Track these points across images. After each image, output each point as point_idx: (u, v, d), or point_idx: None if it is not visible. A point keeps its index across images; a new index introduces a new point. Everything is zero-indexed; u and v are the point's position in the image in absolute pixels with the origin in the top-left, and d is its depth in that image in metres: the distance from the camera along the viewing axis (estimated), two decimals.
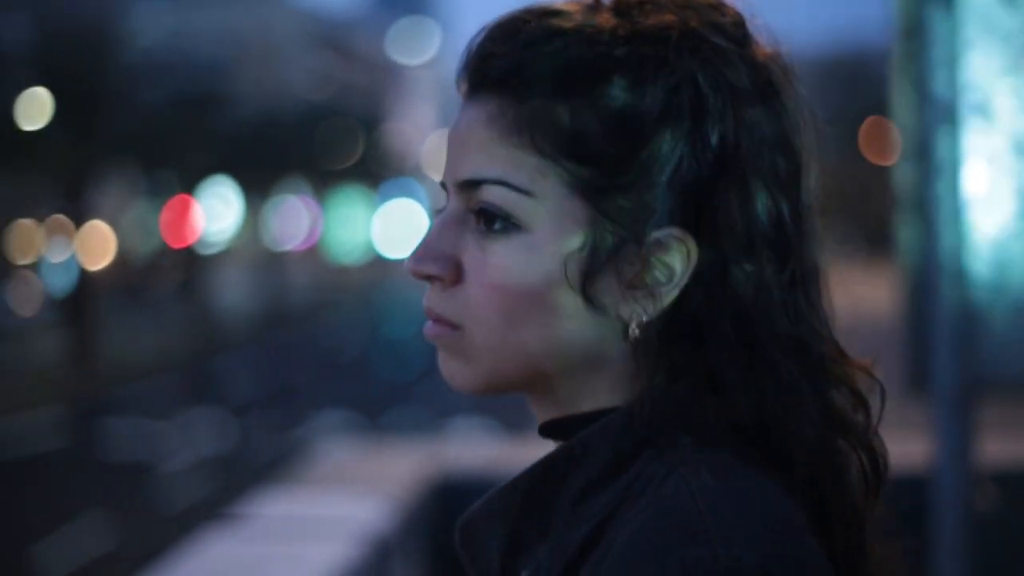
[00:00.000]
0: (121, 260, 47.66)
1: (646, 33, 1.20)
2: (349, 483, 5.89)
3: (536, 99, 1.19)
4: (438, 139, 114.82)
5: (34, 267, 45.78)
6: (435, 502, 5.99)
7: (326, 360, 36.31)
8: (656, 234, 1.19)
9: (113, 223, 44.54)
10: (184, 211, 48.26)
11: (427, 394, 28.70)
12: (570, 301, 1.19)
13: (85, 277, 35.91)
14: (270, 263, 57.24)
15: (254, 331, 46.00)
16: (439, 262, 1.22)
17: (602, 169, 1.18)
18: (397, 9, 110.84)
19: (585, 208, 1.19)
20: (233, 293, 52.65)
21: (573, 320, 1.20)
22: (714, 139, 1.18)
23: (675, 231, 1.18)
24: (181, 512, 18.29)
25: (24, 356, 35.33)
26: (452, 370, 1.24)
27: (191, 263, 48.68)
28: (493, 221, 1.20)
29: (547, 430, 1.25)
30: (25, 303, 44.17)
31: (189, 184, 46.39)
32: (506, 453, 6.96)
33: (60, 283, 40.88)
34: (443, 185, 1.26)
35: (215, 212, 50.95)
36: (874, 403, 1.27)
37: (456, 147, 1.22)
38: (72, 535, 16.86)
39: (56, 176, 35.55)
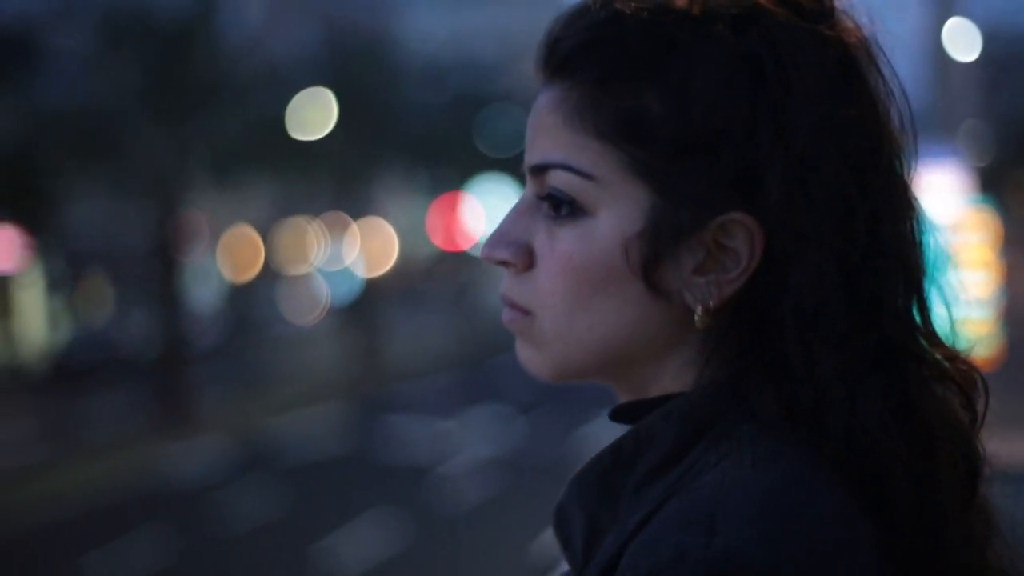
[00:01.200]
0: (401, 265, 48.57)
1: (714, 13, 1.17)
2: None
3: (596, 83, 1.19)
4: None
5: (315, 275, 46.90)
6: None
7: None
8: (720, 219, 1.17)
9: (395, 224, 45.36)
10: (454, 211, 48.87)
11: None
12: (634, 287, 1.19)
13: (368, 284, 36.72)
14: None
15: None
16: (511, 248, 1.22)
17: (661, 152, 1.17)
18: None
19: (647, 192, 1.18)
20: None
21: (637, 306, 1.19)
22: (778, 122, 1.16)
23: (738, 215, 1.16)
24: (468, 512, 18.36)
25: (310, 361, 36.16)
26: (526, 357, 1.26)
27: (465, 266, 49.29)
28: (560, 206, 1.20)
29: (616, 415, 1.26)
30: (306, 311, 45.23)
31: (464, 183, 47.01)
32: None
33: (342, 290, 41.76)
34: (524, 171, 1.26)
35: (491, 212, 51.48)
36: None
37: (529, 133, 1.23)
38: (361, 534, 17.02)
39: (337, 178, 36.36)
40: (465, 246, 49.07)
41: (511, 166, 44.56)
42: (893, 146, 1.20)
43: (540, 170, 1.21)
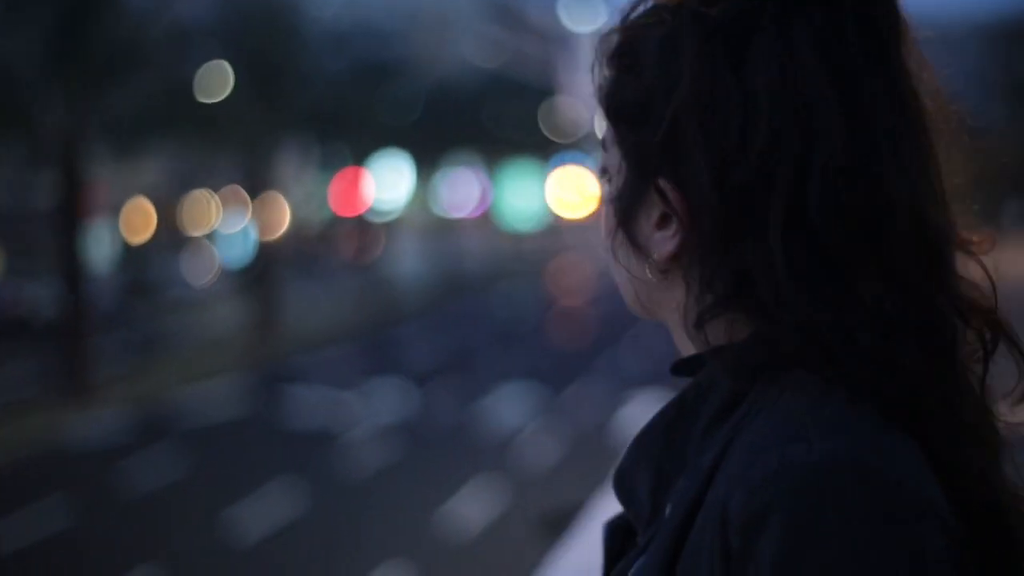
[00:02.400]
0: (295, 230, 48.33)
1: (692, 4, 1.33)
2: None
3: (607, 69, 1.39)
4: None
5: (209, 238, 46.63)
6: None
7: (503, 329, 36.51)
8: (657, 182, 1.33)
9: (287, 194, 45.22)
10: (355, 182, 48.76)
11: (607, 366, 28.74)
12: (624, 239, 1.38)
13: (261, 247, 36.45)
14: (442, 231, 57.65)
15: (430, 299, 46.41)
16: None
17: (625, 125, 1.36)
18: None
19: (622, 159, 1.37)
20: (406, 261, 53.14)
21: (632, 257, 1.38)
22: (672, 100, 1.31)
23: (661, 180, 1.32)
24: (368, 479, 18.56)
25: (206, 326, 36.05)
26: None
27: (363, 232, 49.18)
28: (601, 174, 1.41)
29: (677, 369, 1.37)
30: (201, 274, 45.02)
31: (361, 156, 46.87)
32: None
33: (235, 254, 41.59)
34: None
35: (386, 183, 51.43)
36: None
37: None
38: (260, 501, 17.17)
39: (235, 148, 36.14)
40: (361, 210, 48.92)
41: (410, 135, 44.11)
42: (813, 117, 1.28)
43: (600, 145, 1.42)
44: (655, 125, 1.32)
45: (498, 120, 58.03)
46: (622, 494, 1.37)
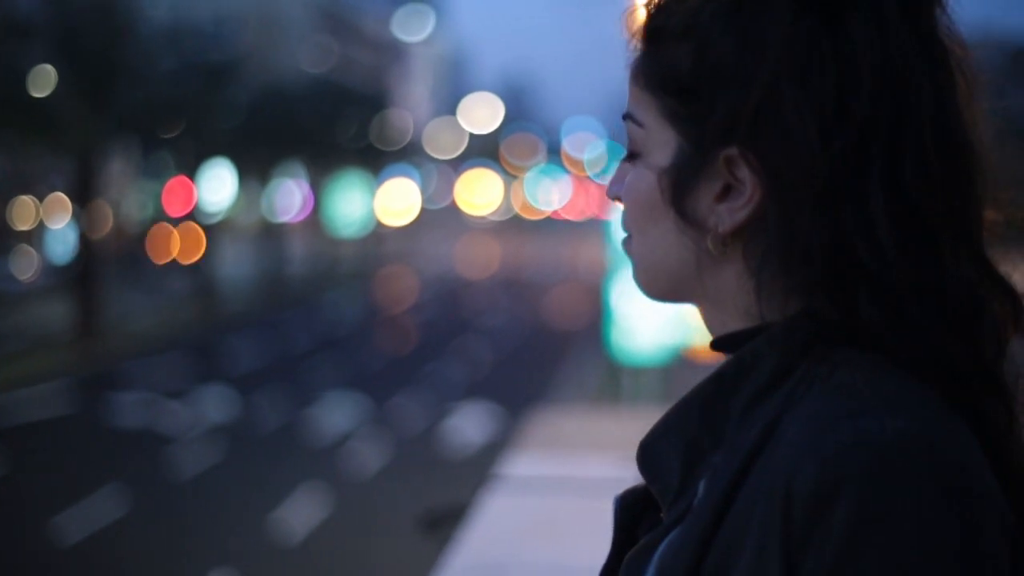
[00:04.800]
0: (120, 229, 47.72)
1: None
2: (600, 444, 6.29)
3: (648, 45, 1.39)
4: (439, 123, 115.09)
5: (35, 234, 45.83)
6: None
7: (329, 336, 36.49)
8: (723, 153, 1.32)
9: (113, 202, 44.63)
10: (182, 182, 48.29)
11: (431, 376, 28.92)
12: (672, 215, 1.36)
13: (85, 244, 35.94)
14: (269, 234, 57.30)
15: (255, 304, 46.15)
16: (616, 185, 1.42)
17: (680, 98, 1.34)
18: None
19: (673, 134, 1.35)
20: (231, 264, 52.74)
21: (676, 233, 1.36)
22: (755, 69, 1.31)
23: (733, 150, 1.31)
24: (190, 485, 18.55)
25: (28, 323, 35.49)
26: (633, 276, 1.42)
27: (187, 233, 48.66)
28: (629, 148, 1.41)
29: (717, 345, 1.38)
30: (26, 269, 44.29)
31: (187, 165, 46.34)
32: None
33: (60, 250, 40.99)
34: None
35: (213, 184, 51.02)
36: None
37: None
38: (82, 504, 17.09)
39: (62, 151, 35.53)
40: (186, 211, 48.42)
41: (238, 138, 43.44)
42: (905, 88, 1.30)
43: (624, 119, 1.41)
44: (733, 94, 1.31)
45: (327, 126, 57.90)
46: (647, 469, 1.36)
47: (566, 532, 4.94)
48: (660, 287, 1.40)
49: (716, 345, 1.38)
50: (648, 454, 1.35)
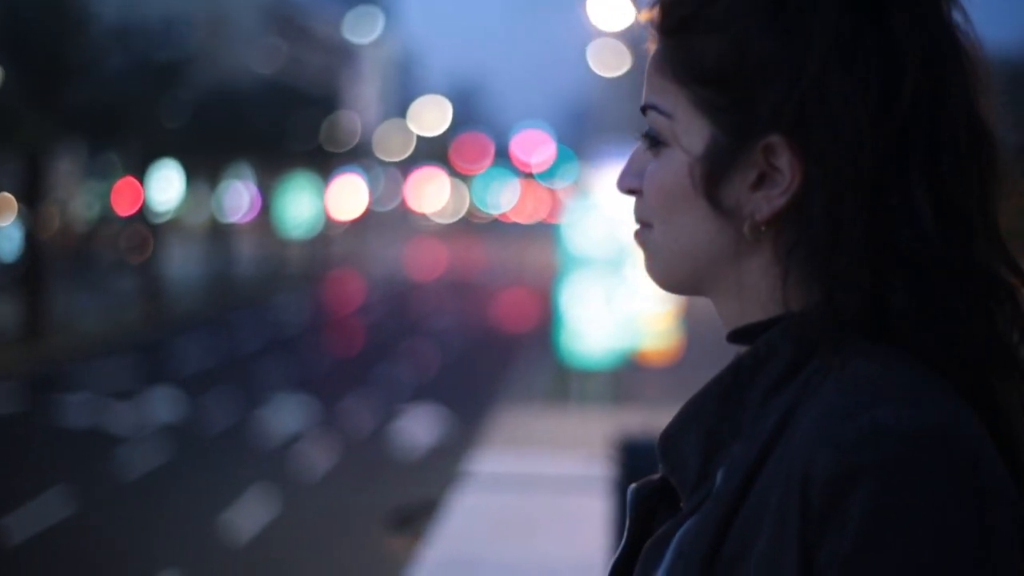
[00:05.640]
0: (67, 228, 47.44)
1: None
2: (557, 443, 6.38)
3: (672, 34, 1.39)
4: (389, 126, 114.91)
5: None
6: (632, 460, 6.30)
7: (278, 337, 36.42)
8: (762, 141, 1.33)
9: (61, 201, 44.35)
10: (130, 181, 47.99)
11: (380, 378, 28.92)
12: (701, 205, 1.36)
13: (32, 243, 35.71)
14: (218, 234, 57.08)
15: (204, 304, 45.99)
16: (631, 177, 1.43)
17: (715, 88, 1.35)
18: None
19: (706, 123, 1.36)
20: (180, 264, 52.54)
21: (707, 222, 1.37)
22: (799, 58, 1.33)
23: (775, 138, 1.33)
24: (138, 487, 18.51)
25: None
26: (648, 267, 1.43)
27: (135, 232, 48.41)
28: (652, 139, 1.40)
29: (733, 336, 1.39)
30: None
31: (135, 166, 46.08)
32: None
33: (7, 249, 40.74)
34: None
35: (161, 183, 50.78)
36: None
37: (644, 80, 1.44)
38: (29, 505, 17.03)
39: (9, 150, 35.26)
40: (134, 210, 48.13)
41: (188, 137, 43.01)
42: (940, 79, 1.33)
43: (643, 110, 1.41)
44: (778, 85, 1.33)
45: (277, 127, 57.75)
46: (667, 459, 1.38)
47: (536, 528, 5.02)
48: (680, 277, 1.41)
49: (732, 337, 1.39)
50: (668, 444, 1.38)
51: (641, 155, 1.42)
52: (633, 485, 1.44)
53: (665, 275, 1.41)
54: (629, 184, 1.43)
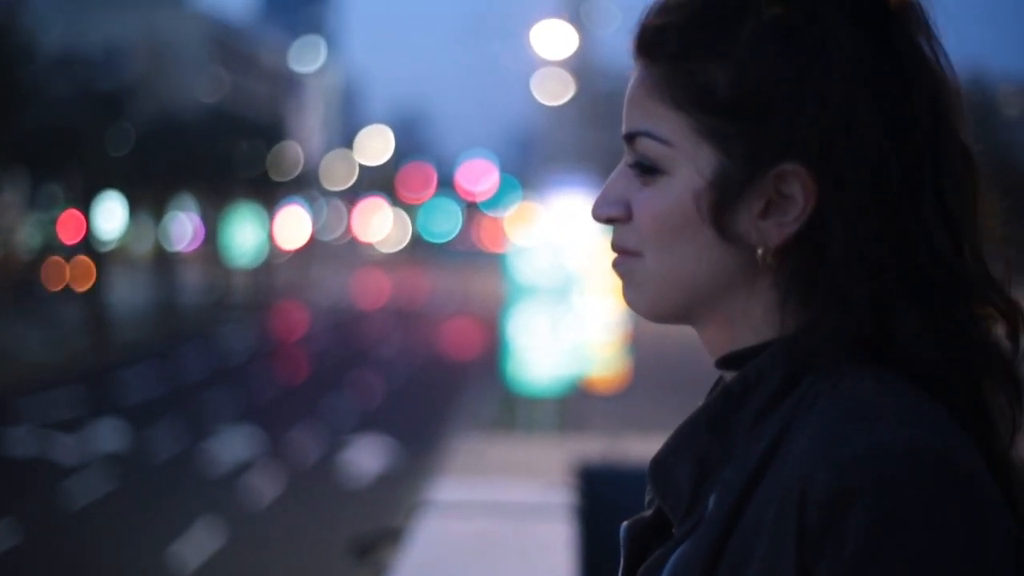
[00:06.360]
0: (10, 258, 47.14)
1: None
2: (510, 471, 6.41)
3: (670, 60, 1.36)
4: (333, 156, 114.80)
5: None
6: (592, 487, 6.32)
7: (224, 367, 36.28)
8: (774, 169, 1.32)
9: (4, 230, 44.07)
10: (72, 219, 47.72)
11: (327, 409, 28.87)
12: (706, 233, 1.34)
13: None
14: (163, 263, 56.83)
15: (148, 334, 45.74)
16: (612, 205, 1.39)
17: (723, 116, 1.33)
18: (291, 26, 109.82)
19: (713, 151, 1.33)
20: (124, 293, 52.29)
21: (711, 250, 1.34)
22: (817, 85, 1.32)
23: (789, 166, 1.31)
24: (82, 519, 18.40)
25: None
26: (631, 297, 1.40)
27: (78, 262, 48.13)
28: (644, 167, 1.37)
29: (723, 363, 1.38)
30: None
31: (78, 198, 45.79)
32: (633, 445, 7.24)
33: None
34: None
35: (105, 213, 50.55)
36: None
37: (625, 106, 1.41)
38: None
39: None
40: (77, 239, 47.87)
41: (132, 166, 42.54)
42: (938, 103, 1.34)
43: (631, 137, 1.38)
44: (794, 112, 1.32)
45: (222, 156, 57.63)
46: (658, 485, 1.38)
47: (502, 555, 5.05)
48: (670, 305, 1.38)
49: (721, 363, 1.38)
50: (659, 471, 1.37)
51: (622, 183, 1.39)
52: (625, 523, 1.43)
53: (653, 304, 1.39)
54: (608, 213, 1.39)
